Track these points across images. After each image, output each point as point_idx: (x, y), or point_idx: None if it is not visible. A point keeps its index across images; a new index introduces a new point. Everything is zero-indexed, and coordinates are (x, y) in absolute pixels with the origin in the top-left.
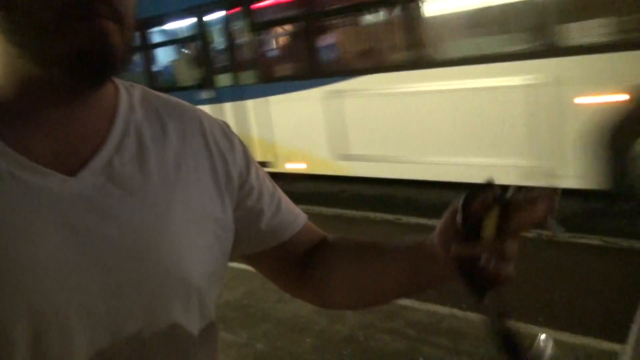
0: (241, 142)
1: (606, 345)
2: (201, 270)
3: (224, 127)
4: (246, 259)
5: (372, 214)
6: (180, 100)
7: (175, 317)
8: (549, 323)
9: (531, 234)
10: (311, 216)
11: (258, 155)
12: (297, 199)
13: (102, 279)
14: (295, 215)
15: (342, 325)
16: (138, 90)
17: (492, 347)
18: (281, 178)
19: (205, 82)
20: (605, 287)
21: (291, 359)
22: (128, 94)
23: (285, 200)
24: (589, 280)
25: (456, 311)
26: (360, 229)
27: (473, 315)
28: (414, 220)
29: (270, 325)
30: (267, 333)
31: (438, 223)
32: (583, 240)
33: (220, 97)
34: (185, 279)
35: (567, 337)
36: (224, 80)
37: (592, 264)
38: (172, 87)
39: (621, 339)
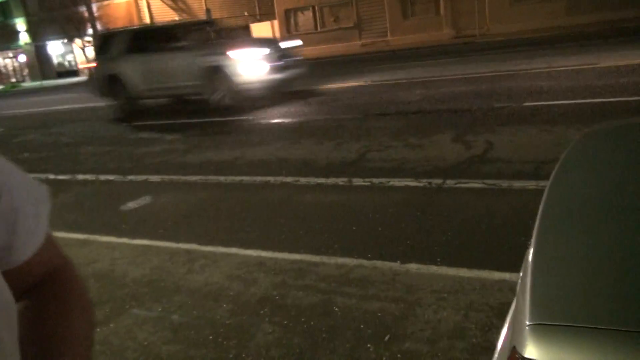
0: None
1: (497, 275)
2: None
3: None
4: None
5: (271, 178)
6: None
7: None
8: (446, 262)
9: (421, 183)
10: (210, 186)
11: None
12: (193, 169)
13: None
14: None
15: (256, 288)
16: None
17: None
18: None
19: None
20: (491, 224)
21: (210, 326)
22: None
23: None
24: (476, 219)
25: (363, 261)
26: (262, 193)
27: (378, 263)
28: (312, 180)
29: (184, 296)
30: (182, 304)
31: None
32: (468, 185)
33: None
34: None
35: (464, 272)
36: None
37: (478, 205)
38: None
39: (509, 268)
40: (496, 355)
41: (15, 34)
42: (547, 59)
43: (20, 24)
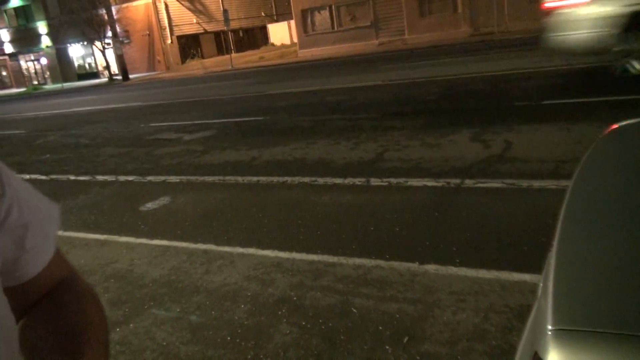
0: None
1: (517, 276)
2: None
3: None
4: None
5: (288, 179)
6: None
7: None
8: (465, 263)
9: (439, 183)
10: (227, 186)
11: None
12: (211, 169)
13: None
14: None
15: (273, 289)
16: None
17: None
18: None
19: None
20: (510, 225)
21: (228, 326)
22: None
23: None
24: (496, 220)
25: (380, 262)
26: (279, 193)
27: (396, 264)
28: (329, 181)
29: (202, 296)
30: (200, 305)
31: None
32: (487, 185)
33: None
34: None
35: (483, 273)
36: None
37: (497, 205)
38: None
39: (529, 269)
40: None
41: (36, 37)
42: (566, 57)
43: (42, 27)
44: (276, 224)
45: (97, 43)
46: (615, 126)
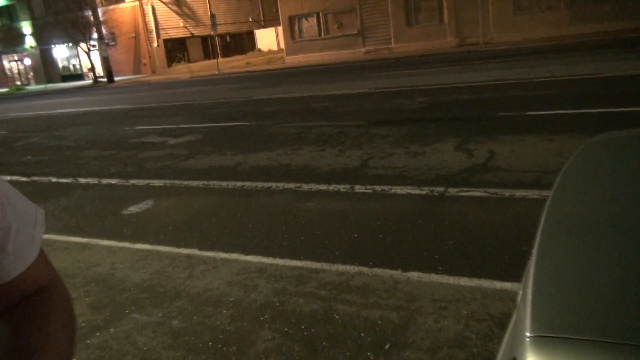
0: None
1: (499, 284)
2: None
3: None
4: None
5: (273, 184)
6: None
7: None
8: (447, 271)
9: (423, 191)
10: (211, 191)
11: None
12: (196, 174)
13: None
14: None
15: (256, 294)
16: None
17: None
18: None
19: None
20: (493, 233)
21: (210, 331)
22: None
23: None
24: (478, 228)
25: (363, 268)
26: (264, 199)
27: (379, 271)
28: (314, 187)
29: (184, 301)
30: (182, 310)
31: None
32: (470, 193)
33: None
34: None
35: (465, 281)
36: None
37: (479, 214)
38: None
39: (510, 277)
40: None
41: (21, 37)
42: (550, 68)
43: (26, 28)
44: (260, 230)
45: (82, 44)
46: (594, 138)
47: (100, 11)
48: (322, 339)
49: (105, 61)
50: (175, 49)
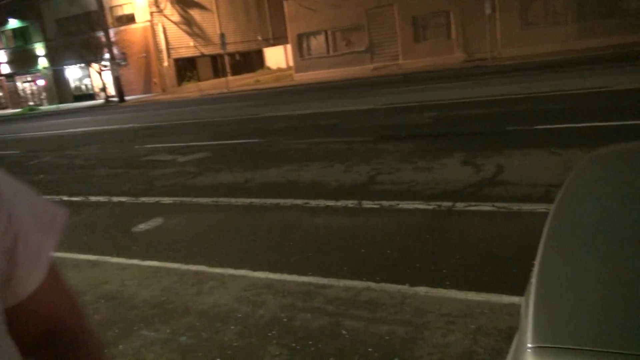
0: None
1: (507, 298)
2: None
3: None
4: None
5: (281, 201)
6: None
7: None
8: (455, 285)
9: (430, 206)
10: (220, 208)
11: None
12: (205, 191)
13: None
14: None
15: (264, 310)
16: None
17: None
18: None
19: None
20: (501, 247)
21: (218, 347)
22: None
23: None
24: (486, 243)
25: (371, 284)
26: (272, 215)
27: (387, 286)
28: (322, 203)
29: (192, 317)
30: (190, 326)
31: None
32: (478, 208)
33: None
34: None
35: (473, 295)
36: None
37: (487, 228)
38: None
39: (518, 291)
40: None
41: (34, 58)
42: (558, 82)
43: (40, 49)
44: (268, 246)
45: (94, 65)
46: (597, 150)
47: (112, 32)
48: (329, 354)
49: (117, 81)
50: (185, 67)
